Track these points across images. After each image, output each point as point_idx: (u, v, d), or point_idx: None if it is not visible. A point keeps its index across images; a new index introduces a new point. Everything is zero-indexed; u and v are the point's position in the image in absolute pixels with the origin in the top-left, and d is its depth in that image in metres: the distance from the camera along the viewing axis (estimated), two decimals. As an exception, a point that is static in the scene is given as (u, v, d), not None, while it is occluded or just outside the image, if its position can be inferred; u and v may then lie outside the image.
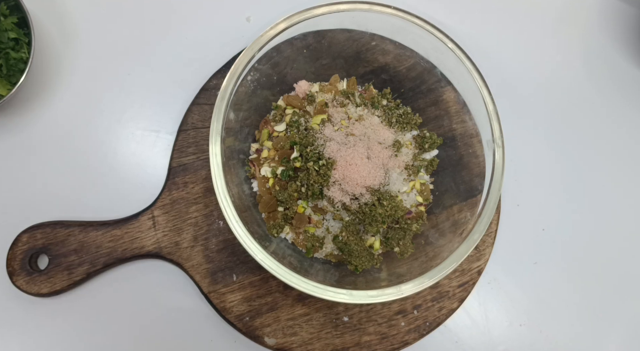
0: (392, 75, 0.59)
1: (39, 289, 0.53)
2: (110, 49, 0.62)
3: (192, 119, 0.59)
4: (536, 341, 0.60)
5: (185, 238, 0.56)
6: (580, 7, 0.69)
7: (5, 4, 0.56)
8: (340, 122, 0.54)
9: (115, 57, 0.62)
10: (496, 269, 0.60)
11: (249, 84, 0.53)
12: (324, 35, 0.56)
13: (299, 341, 0.54)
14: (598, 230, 0.63)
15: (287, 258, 0.50)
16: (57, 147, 0.59)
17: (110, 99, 0.61)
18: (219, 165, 0.48)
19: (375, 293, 0.46)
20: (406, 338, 0.55)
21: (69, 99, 0.61)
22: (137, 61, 0.62)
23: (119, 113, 0.61)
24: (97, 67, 0.62)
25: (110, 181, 0.59)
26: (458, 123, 0.56)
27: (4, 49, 0.56)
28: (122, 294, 0.57)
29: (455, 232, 0.51)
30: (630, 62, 0.67)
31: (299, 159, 0.52)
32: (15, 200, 0.58)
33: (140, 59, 0.62)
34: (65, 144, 0.60)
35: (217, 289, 0.55)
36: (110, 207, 0.58)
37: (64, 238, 0.54)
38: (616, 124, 0.66)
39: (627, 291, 0.62)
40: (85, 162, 0.59)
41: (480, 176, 0.53)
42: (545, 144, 0.65)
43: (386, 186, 0.53)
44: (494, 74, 0.59)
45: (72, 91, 0.61)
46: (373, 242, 0.54)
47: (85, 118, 0.61)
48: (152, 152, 0.60)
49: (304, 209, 0.53)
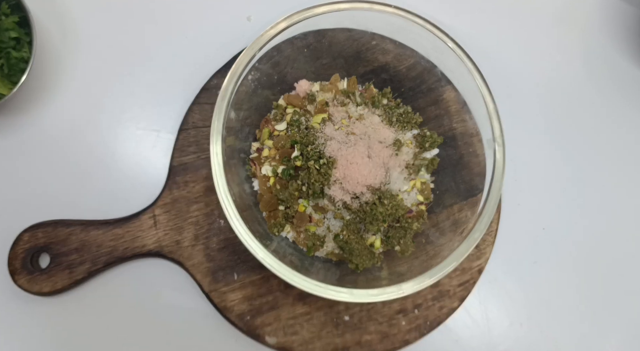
0: (392, 74, 0.59)
1: (40, 288, 0.53)
2: (111, 48, 0.62)
3: (193, 118, 0.59)
4: (536, 341, 0.60)
5: (186, 237, 0.56)
6: (580, 7, 0.69)
7: (7, 4, 0.56)
8: (341, 122, 0.55)
9: (116, 57, 0.62)
10: (496, 268, 0.60)
11: (250, 84, 0.53)
12: (325, 35, 0.56)
13: (300, 340, 0.54)
14: (598, 230, 0.63)
15: (288, 257, 0.50)
16: (58, 146, 0.60)
17: (111, 99, 0.61)
18: (220, 164, 0.48)
19: (376, 292, 0.46)
20: (407, 337, 0.56)
21: (70, 98, 0.61)
22: (138, 60, 0.62)
23: (119, 112, 0.61)
24: (98, 66, 0.62)
25: (111, 180, 0.59)
26: (458, 122, 0.56)
27: (5, 49, 0.56)
28: (123, 293, 0.57)
29: (456, 231, 0.52)
30: (630, 62, 0.67)
31: (300, 158, 0.52)
32: (16, 199, 0.58)
33: (141, 58, 0.63)
34: (66, 143, 0.60)
35: (218, 288, 0.55)
36: (111, 206, 0.58)
37: (65, 237, 0.54)
38: (616, 124, 0.66)
39: (627, 291, 0.62)
40: (87, 162, 0.60)
41: (480, 175, 0.53)
42: (546, 144, 0.65)
43: (387, 185, 0.53)
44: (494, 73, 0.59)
45: (73, 91, 0.61)
46: (374, 241, 0.54)
47: (86, 117, 0.61)
48: (152, 152, 0.61)
49: (305, 208, 0.53)
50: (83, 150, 0.60)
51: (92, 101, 0.61)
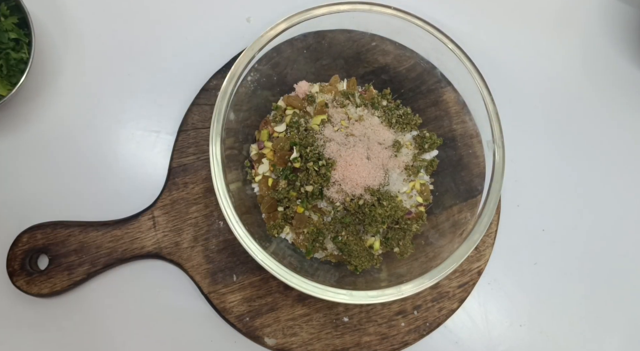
0: (392, 75, 0.59)
1: (39, 289, 0.53)
2: (111, 49, 0.62)
3: (192, 119, 0.59)
4: (536, 342, 0.60)
5: (185, 239, 0.56)
6: (580, 7, 0.69)
7: (6, 5, 0.56)
8: (340, 123, 0.54)
9: (116, 58, 0.62)
10: (496, 270, 0.60)
11: (249, 85, 0.53)
12: (324, 36, 0.56)
13: (299, 341, 0.54)
14: (598, 230, 0.63)
15: (287, 259, 0.50)
16: (57, 147, 0.59)
17: (110, 100, 0.61)
18: (219, 165, 0.48)
19: (375, 294, 0.46)
20: (406, 339, 0.55)
21: (69, 99, 0.61)
22: (137, 61, 0.62)
23: (119, 113, 0.61)
24: (97, 67, 0.62)
25: (110, 181, 0.59)
26: (458, 124, 0.56)
27: (5, 50, 0.56)
28: (122, 294, 0.57)
29: (455, 232, 0.51)
30: (630, 62, 0.67)
31: (299, 160, 0.52)
32: (15, 200, 0.58)
33: (141, 59, 0.62)
34: (66, 144, 0.60)
35: (217, 290, 0.55)
36: (110, 207, 0.58)
37: (64, 238, 0.54)
38: (616, 125, 0.66)
39: (627, 291, 0.62)
40: (86, 163, 0.59)
41: (480, 176, 0.53)
42: (545, 145, 0.65)
43: (386, 186, 0.53)
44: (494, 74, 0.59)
45: (72, 91, 0.61)
46: (373, 242, 0.54)
47: (86, 118, 0.61)
48: (152, 153, 0.60)
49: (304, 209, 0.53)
50: (82, 151, 0.60)
51: (91, 101, 0.61)
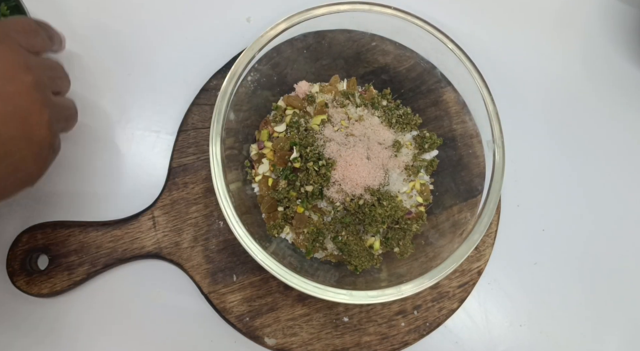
0: (392, 75, 0.59)
1: (39, 289, 0.53)
2: (110, 49, 0.62)
3: (192, 119, 0.59)
4: (536, 342, 0.60)
5: (185, 239, 0.56)
6: (580, 7, 0.69)
7: (6, 5, 0.56)
8: (340, 123, 0.54)
9: (115, 58, 0.62)
10: (496, 270, 0.60)
11: (249, 85, 0.53)
12: (324, 36, 0.56)
13: (299, 341, 0.54)
14: (598, 230, 0.63)
15: (287, 259, 0.50)
16: (57, 147, 0.59)
17: (110, 100, 0.61)
18: (219, 165, 0.48)
19: (375, 294, 0.46)
20: (406, 339, 0.55)
21: (69, 99, 0.61)
22: (137, 61, 0.62)
23: (118, 113, 0.61)
24: (97, 67, 0.62)
25: (110, 181, 0.59)
26: (458, 123, 0.56)
27: (4, 50, 0.56)
28: (122, 294, 0.57)
29: (455, 232, 0.51)
30: (630, 62, 0.67)
31: (299, 160, 0.52)
32: (15, 200, 0.58)
33: (140, 59, 0.62)
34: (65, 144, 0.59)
35: (217, 290, 0.55)
36: (110, 207, 0.58)
37: (64, 238, 0.54)
38: (616, 124, 0.66)
39: (627, 291, 0.62)
40: (85, 163, 0.59)
41: (480, 176, 0.53)
42: (546, 145, 0.65)
43: (386, 186, 0.53)
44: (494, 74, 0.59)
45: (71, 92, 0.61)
46: (373, 242, 0.54)
47: (85, 118, 0.60)
48: (152, 153, 0.60)
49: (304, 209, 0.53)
50: (81, 151, 0.60)
51: (90, 101, 0.61)
